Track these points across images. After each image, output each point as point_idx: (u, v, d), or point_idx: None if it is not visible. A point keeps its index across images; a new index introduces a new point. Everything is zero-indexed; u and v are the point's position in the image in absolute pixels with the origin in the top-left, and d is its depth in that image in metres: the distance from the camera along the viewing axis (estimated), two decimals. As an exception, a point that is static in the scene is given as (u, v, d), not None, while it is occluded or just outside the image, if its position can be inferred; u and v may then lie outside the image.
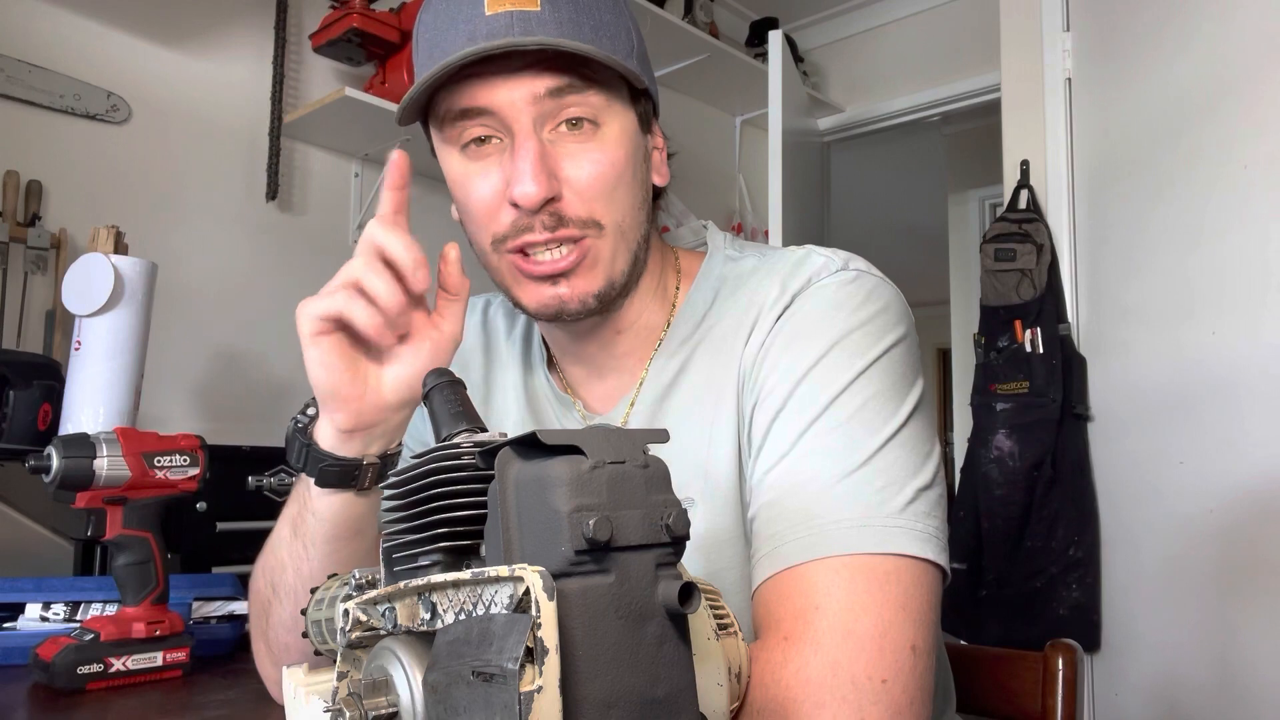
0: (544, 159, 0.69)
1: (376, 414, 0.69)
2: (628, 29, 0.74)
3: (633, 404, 0.80)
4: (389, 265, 0.64)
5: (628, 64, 0.71)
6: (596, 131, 0.72)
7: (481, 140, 0.72)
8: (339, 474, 0.69)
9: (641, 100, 0.76)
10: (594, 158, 0.71)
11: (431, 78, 0.69)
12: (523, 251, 0.72)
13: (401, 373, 0.69)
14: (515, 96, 0.69)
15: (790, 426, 0.68)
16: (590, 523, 0.35)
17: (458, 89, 0.70)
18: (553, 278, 0.73)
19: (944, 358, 6.64)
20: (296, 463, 0.71)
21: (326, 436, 0.69)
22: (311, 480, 0.70)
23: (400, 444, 0.74)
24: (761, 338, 0.74)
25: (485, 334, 0.92)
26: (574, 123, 0.71)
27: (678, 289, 0.83)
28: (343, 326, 0.65)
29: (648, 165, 0.78)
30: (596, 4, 0.71)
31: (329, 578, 0.60)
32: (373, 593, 0.43)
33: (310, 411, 0.72)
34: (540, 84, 0.69)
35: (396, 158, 0.68)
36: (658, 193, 0.82)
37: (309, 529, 0.72)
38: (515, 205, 0.70)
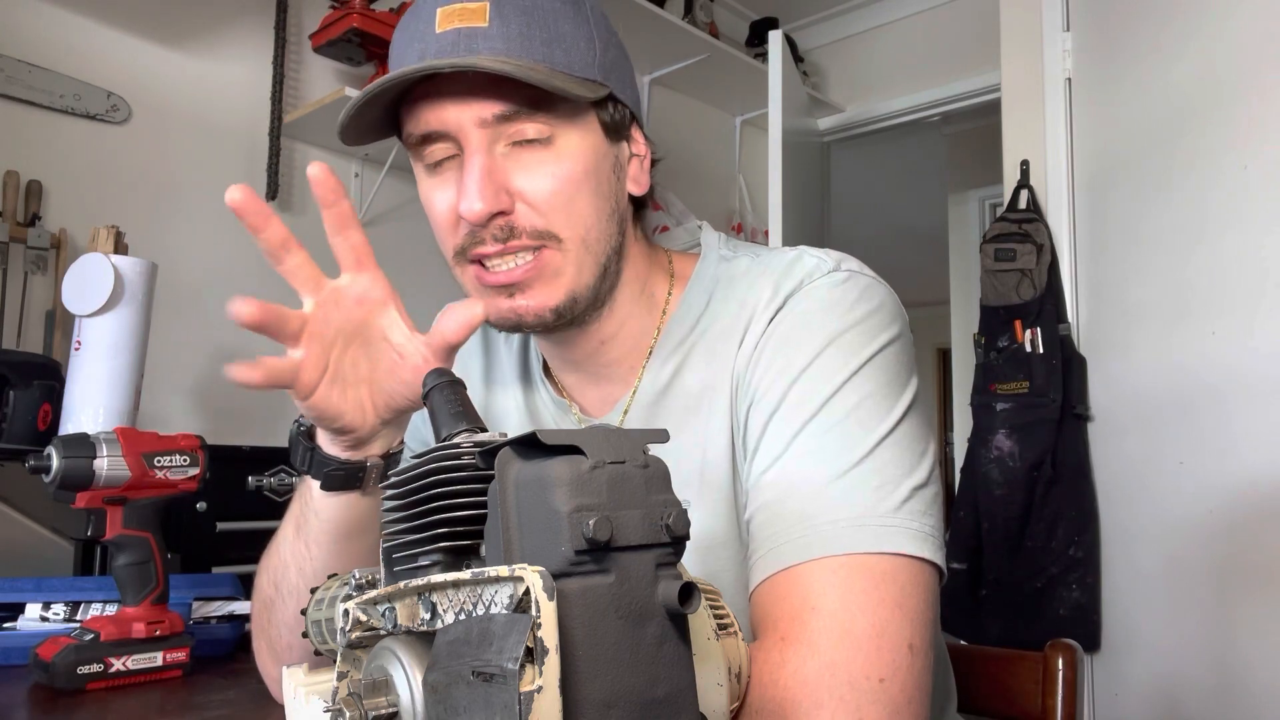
0: (491, 174, 0.69)
1: (374, 431, 0.70)
2: (589, 37, 0.73)
3: (628, 409, 0.80)
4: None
5: (586, 75, 0.71)
6: (551, 145, 0.71)
7: (444, 154, 0.72)
8: (344, 477, 0.70)
9: (609, 107, 0.75)
10: (548, 171, 0.71)
11: (356, 105, 0.70)
12: (480, 263, 0.72)
13: (395, 401, 0.69)
14: (463, 119, 0.69)
15: (785, 427, 0.68)
16: (590, 523, 0.35)
17: (413, 110, 0.71)
18: (508, 290, 0.73)
19: (944, 358, 6.64)
20: (300, 466, 0.71)
21: (330, 445, 0.70)
22: (314, 481, 0.70)
23: (402, 442, 0.74)
24: (755, 340, 0.74)
25: (484, 335, 0.92)
26: (530, 135, 0.70)
27: (670, 293, 0.83)
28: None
29: (618, 175, 0.77)
30: (554, 15, 0.71)
31: (329, 578, 0.60)
32: (373, 593, 0.43)
33: None
34: (487, 110, 0.69)
35: (316, 172, 0.66)
36: (641, 202, 0.81)
37: (312, 529, 0.72)
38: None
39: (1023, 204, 2.42)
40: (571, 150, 0.72)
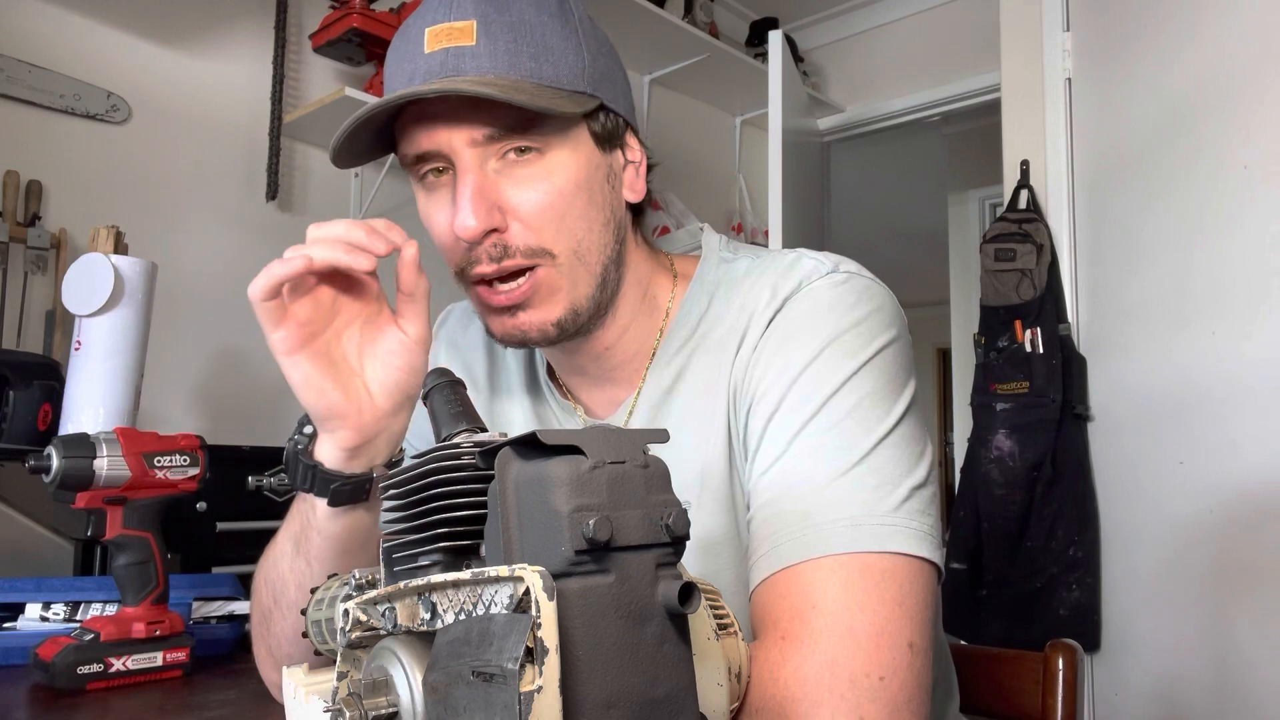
0: (483, 192, 0.69)
1: (377, 425, 0.69)
2: (578, 47, 0.73)
3: (632, 410, 0.81)
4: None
5: (574, 88, 0.71)
6: (542, 158, 0.71)
7: (439, 170, 0.73)
8: (351, 492, 0.70)
9: (600, 118, 0.75)
10: (540, 186, 0.71)
11: (346, 131, 0.70)
12: (485, 281, 0.73)
13: (386, 378, 0.69)
14: (454, 140, 0.70)
15: (785, 428, 0.69)
16: (590, 523, 0.35)
17: (406, 131, 0.72)
18: (510, 310, 0.73)
19: (944, 358, 6.64)
20: (302, 485, 0.70)
21: (332, 456, 0.69)
22: (319, 500, 0.70)
23: (402, 450, 0.74)
24: (754, 342, 0.74)
25: (488, 345, 0.92)
26: (521, 149, 0.71)
27: (673, 295, 0.83)
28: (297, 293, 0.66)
29: (612, 184, 0.77)
30: (541, 29, 0.70)
31: (329, 578, 0.60)
32: (373, 593, 0.43)
33: (307, 430, 0.71)
34: (476, 131, 0.69)
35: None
36: (639, 207, 0.81)
37: (314, 546, 0.72)
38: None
39: (1023, 204, 2.42)
40: (562, 164, 0.72)
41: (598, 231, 0.74)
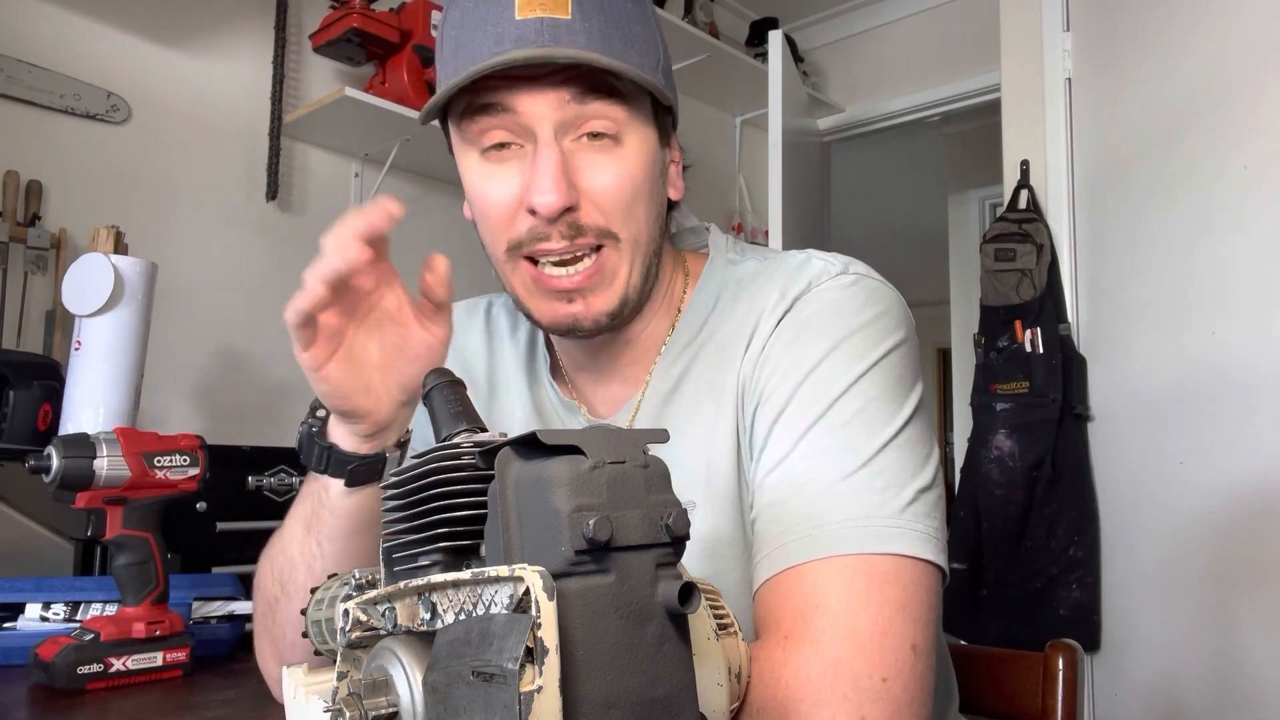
0: (565, 168, 0.69)
1: (392, 416, 0.71)
2: (655, 42, 0.73)
3: (637, 409, 0.81)
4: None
5: (655, 78, 0.71)
6: (617, 144, 0.71)
7: (502, 145, 0.71)
8: (366, 471, 0.71)
9: (662, 114, 0.76)
10: (614, 170, 0.71)
11: (461, 83, 0.68)
12: (535, 260, 0.72)
13: (406, 380, 0.70)
14: (539, 101, 0.68)
15: (791, 428, 0.69)
16: (590, 523, 0.35)
17: (483, 95, 0.70)
18: (568, 295, 0.73)
19: (944, 358, 6.64)
20: (317, 466, 0.71)
21: (348, 441, 0.71)
22: (331, 480, 0.71)
23: (410, 430, 0.75)
24: (762, 342, 0.74)
25: (489, 336, 0.92)
26: (595, 134, 0.70)
27: (685, 293, 0.83)
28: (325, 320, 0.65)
29: (664, 179, 0.78)
30: (628, 16, 0.71)
31: (329, 577, 0.60)
32: (373, 593, 0.43)
33: (320, 414, 0.73)
34: (565, 91, 0.68)
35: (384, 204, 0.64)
36: (671, 205, 0.82)
37: (326, 526, 0.73)
38: (533, 212, 0.70)
39: (1023, 204, 2.42)
40: (634, 151, 0.72)
41: (652, 223, 0.75)
